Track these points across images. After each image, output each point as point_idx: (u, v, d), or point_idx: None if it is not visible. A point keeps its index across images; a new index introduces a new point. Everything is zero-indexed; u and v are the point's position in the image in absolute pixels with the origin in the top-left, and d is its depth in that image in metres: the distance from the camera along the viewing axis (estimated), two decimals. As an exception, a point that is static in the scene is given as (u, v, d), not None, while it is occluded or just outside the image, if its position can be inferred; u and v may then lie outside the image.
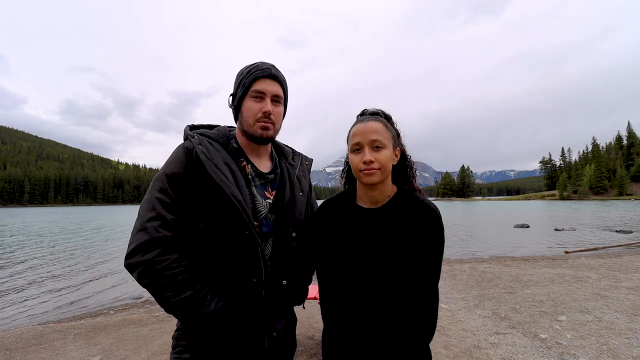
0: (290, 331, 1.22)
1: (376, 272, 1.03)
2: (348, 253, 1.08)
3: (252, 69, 1.11)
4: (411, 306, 0.99)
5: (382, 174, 1.04)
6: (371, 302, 1.03)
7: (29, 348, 3.71)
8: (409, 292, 1.00)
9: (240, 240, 1.01)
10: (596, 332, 3.50)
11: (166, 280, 0.94)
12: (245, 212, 1.00)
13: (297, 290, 1.18)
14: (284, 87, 1.15)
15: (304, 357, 3.10)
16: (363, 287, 1.04)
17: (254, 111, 1.09)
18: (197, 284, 0.98)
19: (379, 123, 1.06)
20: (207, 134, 1.12)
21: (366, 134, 1.04)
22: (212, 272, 1.04)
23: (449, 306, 4.64)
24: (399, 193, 1.11)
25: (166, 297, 0.94)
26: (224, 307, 1.00)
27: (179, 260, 0.97)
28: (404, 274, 1.01)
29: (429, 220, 1.02)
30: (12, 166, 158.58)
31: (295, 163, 1.27)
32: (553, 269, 7.07)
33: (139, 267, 0.94)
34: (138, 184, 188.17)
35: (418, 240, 1.01)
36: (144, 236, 0.95)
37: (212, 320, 0.97)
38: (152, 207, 0.98)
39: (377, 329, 1.02)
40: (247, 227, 1.01)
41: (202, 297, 0.97)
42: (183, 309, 0.95)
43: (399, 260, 1.01)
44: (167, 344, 3.51)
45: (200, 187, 1.01)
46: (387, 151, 1.05)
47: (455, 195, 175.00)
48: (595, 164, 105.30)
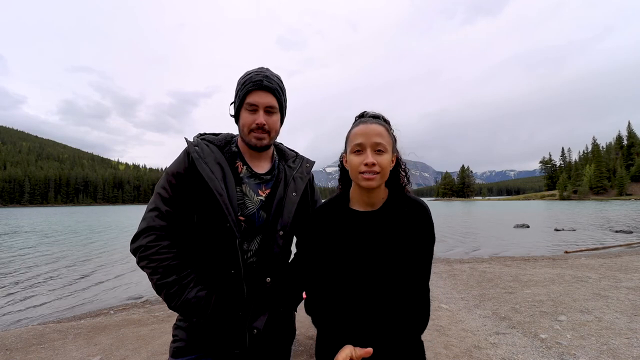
0: (279, 331, 1.20)
1: (377, 274, 1.04)
2: (350, 258, 1.07)
3: (245, 80, 1.15)
4: (405, 300, 1.01)
5: (381, 179, 1.04)
6: (370, 302, 1.03)
7: (29, 348, 3.71)
8: (404, 288, 1.01)
9: (221, 232, 1.09)
10: (596, 332, 3.50)
11: (155, 264, 1.05)
12: (226, 205, 1.07)
13: (284, 291, 1.18)
14: (277, 96, 1.17)
15: (304, 357, 3.10)
16: (364, 290, 1.04)
17: (248, 123, 1.15)
18: (183, 271, 1.08)
19: (382, 127, 1.06)
20: (208, 138, 1.23)
21: (370, 136, 1.03)
22: (200, 262, 1.14)
23: (449, 306, 4.64)
24: (392, 195, 1.12)
25: (154, 279, 1.06)
26: (205, 296, 1.07)
27: (169, 247, 1.08)
28: (401, 272, 1.02)
29: (421, 217, 1.04)
30: (12, 166, 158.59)
31: (295, 165, 1.30)
32: (553, 269, 7.07)
33: (137, 251, 1.08)
34: (138, 184, 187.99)
35: (413, 237, 1.03)
36: (143, 224, 1.11)
37: (190, 306, 1.05)
38: (153, 201, 1.14)
39: (375, 326, 1.02)
40: (227, 220, 1.07)
41: (185, 284, 1.06)
42: (166, 292, 1.05)
43: (396, 260, 1.02)
44: (167, 343, 3.51)
45: (194, 183, 1.12)
46: (388, 155, 1.05)
47: (455, 195, 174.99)
48: (595, 164, 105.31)
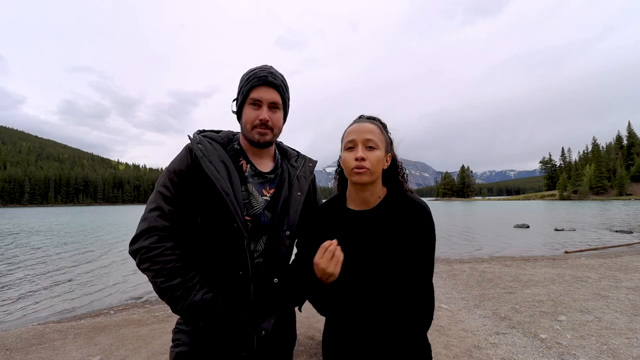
0: (284, 332, 1.20)
1: (371, 273, 1.04)
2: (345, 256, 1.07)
3: (250, 76, 1.14)
4: (408, 300, 1.00)
5: (371, 175, 1.05)
6: (368, 302, 1.04)
7: (29, 348, 3.71)
8: (405, 288, 1.01)
9: (228, 232, 1.06)
10: (596, 332, 3.50)
11: (159, 266, 1.00)
12: (233, 205, 1.04)
13: (290, 290, 1.17)
14: (282, 93, 1.17)
15: (304, 357, 3.10)
16: (360, 289, 1.05)
17: (252, 118, 1.14)
18: (188, 273, 1.03)
19: (375, 125, 1.09)
20: (210, 135, 1.19)
21: (361, 132, 1.07)
22: (205, 263, 1.10)
23: (449, 306, 4.64)
24: (390, 194, 1.12)
25: (157, 282, 1.01)
26: (211, 298, 1.03)
27: (173, 248, 1.03)
28: (399, 271, 1.02)
29: (419, 217, 1.04)
30: (12, 166, 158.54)
31: (298, 164, 1.30)
32: (553, 269, 7.07)
33: (138, 252, 1.03)
34: (138, 184, 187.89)
35: (411, 237, 1.03)
36: (144, 224, 1.05)
37: (197, 309, 1.01)
38: (154, 200, 1.09)
39: (377, 326, 1.02)
40: (234, 220, 1.05)
41: (191, 286, 1.02)
42: (170, 295, 1.01)
43: (393, 259, 1.03)
44: (167, 343, 3.51)
45: (198, 182, 1.08)
46: (379, 153, 1.06)
47: (455, 195, 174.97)
48: (595, 164, 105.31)
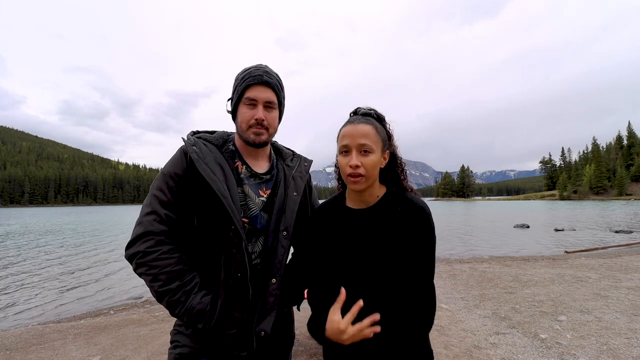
0: (283, 333, 1.20)
1: (367, 272, 1.04)
2: (339, 255, 1.08)
3: (245, 75, 1.13)
4: (407, 301, 0.99)
5: (367, 181, 1.04)
6: (368, 302, 1.03)
7: (29, 348, 3.71)
8: (404, 289, 1.00)
9: (226, 235, 1.05)
10: (596, 332, 3.50)
11: (155, 270, 1.00)
12: (231, 208, 1.03)
13: (288, 291, 1.17)
14: (277, 92, 1.16)
15: (304, 357, 3.10)
16: (357, 288, 1.04)
17: (247, 118, 1.13)
18: (185, 276, 1.03)
19: (369, 126, 1.05)
20: (204, 137, 1.18)
21: (355, 137, 1.03)
22: (203, 266, 1.09)
23: (449, 306, 4.64)
24: (388, 193, 1.11)
25: (154, 286, 1.01)
26: (210, 301, 1.03)
27: (170, 252, 1.03)
28: (397, 271, 1.01)
29: (417, 218, 1.01)
30: (12, 166, 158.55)
31: (293, 164, 1.29)
32: (553, 269, 7.07)
33: (134, 257, 1.03)
34: (138, 184, 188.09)
35: (408, 237, 1.01)
36: (139, 229, 1.04)
37: (195, 312, 1.01)
38: (149, 204, 1.08)
39: None
40: (232, 223, 1.04)
41: (189, 290, 1.02)
42: (169, 299, 1.01)
43: (389, 258, 1.02)
44: (167, 344, 3.50)
45: (194, 185, 1.07)
46: (375, 156, 1.04)
47: (455, 195, 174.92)
48: (595, 164, 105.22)
